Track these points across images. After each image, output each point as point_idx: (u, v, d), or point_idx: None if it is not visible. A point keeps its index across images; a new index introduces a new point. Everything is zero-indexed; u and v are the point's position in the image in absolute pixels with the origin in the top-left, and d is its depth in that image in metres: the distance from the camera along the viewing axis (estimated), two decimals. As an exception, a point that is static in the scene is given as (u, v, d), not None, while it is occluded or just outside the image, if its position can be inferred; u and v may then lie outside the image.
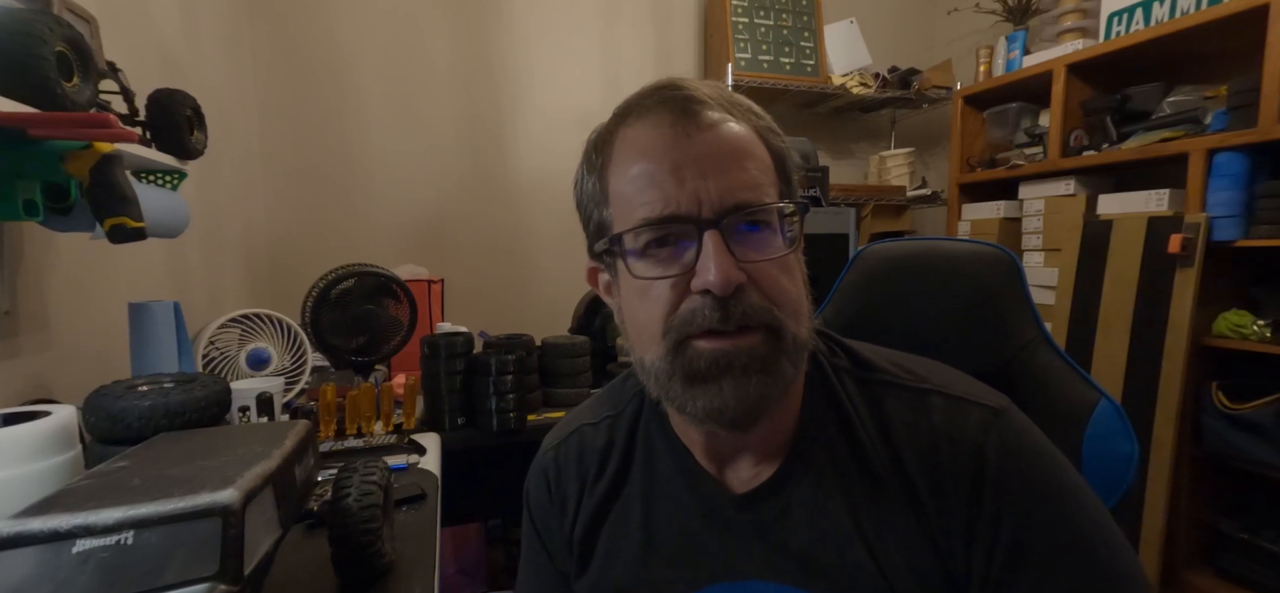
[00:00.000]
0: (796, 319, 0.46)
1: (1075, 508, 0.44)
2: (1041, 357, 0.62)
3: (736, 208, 0.44)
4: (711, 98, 0.46)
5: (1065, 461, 0.47)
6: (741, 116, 0.47)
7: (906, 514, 0.46)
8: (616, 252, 0.47)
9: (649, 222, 0.44)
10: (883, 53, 2.61)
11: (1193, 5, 1.74)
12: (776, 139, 0.48)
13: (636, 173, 0.45)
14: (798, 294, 0.46)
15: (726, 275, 0.42)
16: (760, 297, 0.44)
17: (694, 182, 0.43)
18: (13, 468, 0.58)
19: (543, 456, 0.62)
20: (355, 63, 2.09)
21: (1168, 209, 1.76)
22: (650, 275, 0.46)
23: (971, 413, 0.47)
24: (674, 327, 0.45)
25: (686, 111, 0.45)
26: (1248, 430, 1.59)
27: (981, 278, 0.64)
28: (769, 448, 0.51)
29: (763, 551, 0.49)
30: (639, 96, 0.48)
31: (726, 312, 0.43)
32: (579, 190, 0.52)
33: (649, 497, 0.55)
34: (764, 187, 0.45)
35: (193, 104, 1.03)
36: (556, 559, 0.61)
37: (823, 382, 0.52)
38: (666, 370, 0.46)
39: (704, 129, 0.44)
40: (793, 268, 0.47)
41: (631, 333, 0.49)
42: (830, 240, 2.17)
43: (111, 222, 0.74)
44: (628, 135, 0.47)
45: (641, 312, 0.47)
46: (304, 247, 2.06)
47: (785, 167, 0.48)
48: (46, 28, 0.66)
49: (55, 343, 0.99)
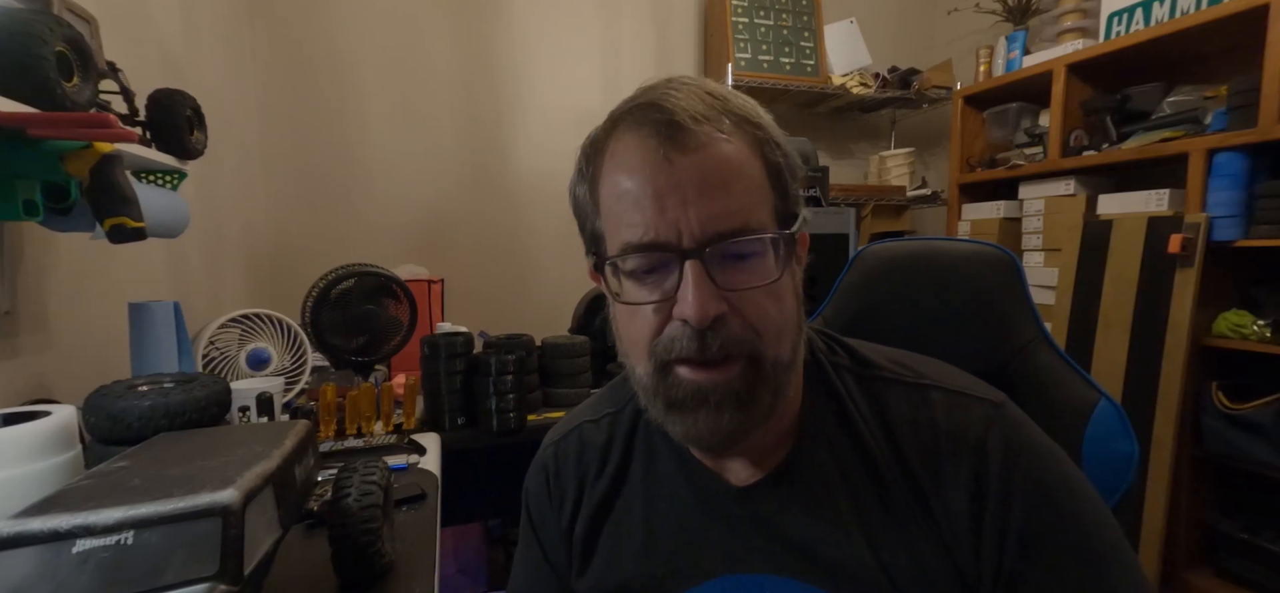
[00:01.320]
0: (779, 343, 0.45)
1: (1080, 499, 0.45)
2: (1041, 357, 0.62)
3: (717, 237, 0.43)
4: (701, 113, 0.44)
5: (1063, 453, 0.48)
6: (734, 129, 0.45)
7: (909, 509, 0.46)
8: (605, 270, 0.48)
9: (631, 246, 0.45)
10: (883, 53, 2.61)
11: (1193, 5, 1.74)
12: (774, 152, 0.46)
13: (623, 192, 0.45)
14: (783, 318, 0.46)
15: (703, 308, 0.42)
16: (742, 326, 0.44)
17: (675, 210, 0.43)
18: (13, 468, 0.58)
19: (543, 452, 0.63)
20: (355, 63, 2.09)
21: (1168, 209, 1.76)
22: (635, 300, 0.46)
23: (973, 407, 0.47)
24: (656, 352, 0.45)
25: (670, 135, 0.43)
26: (1248, 430, 1.59)
27: (981, 278, 0.65)
28: (768, 446, 0.51)
29: (764, 543, 0.50)
30: (628, 105, 0.47)
31: (703, 343, 0.43)
32: (573, 197, 0.52)
33: (649, 493, 0.55)
34: (751, 209, 0.44)
35: (193, 104, 1.03)
36: (550, 555, 0.61)
37: (823, 379, 0.52)
38: (651, 388, 0.47)
39: (688, 152, 0.43)
40: (782, 291, 0.46)
41: (624, 344, 0.50)
42: (830, 240, 2.17)
43: (111, 222, 0.74)
44: (615, 149, 0.46)
45: (628, 331, 0.48)
46: (304, 247, 2.06)
47: (782, 181, 0.47)
48: (46, 28, 0.66)
49: (55, 343, 0.99)
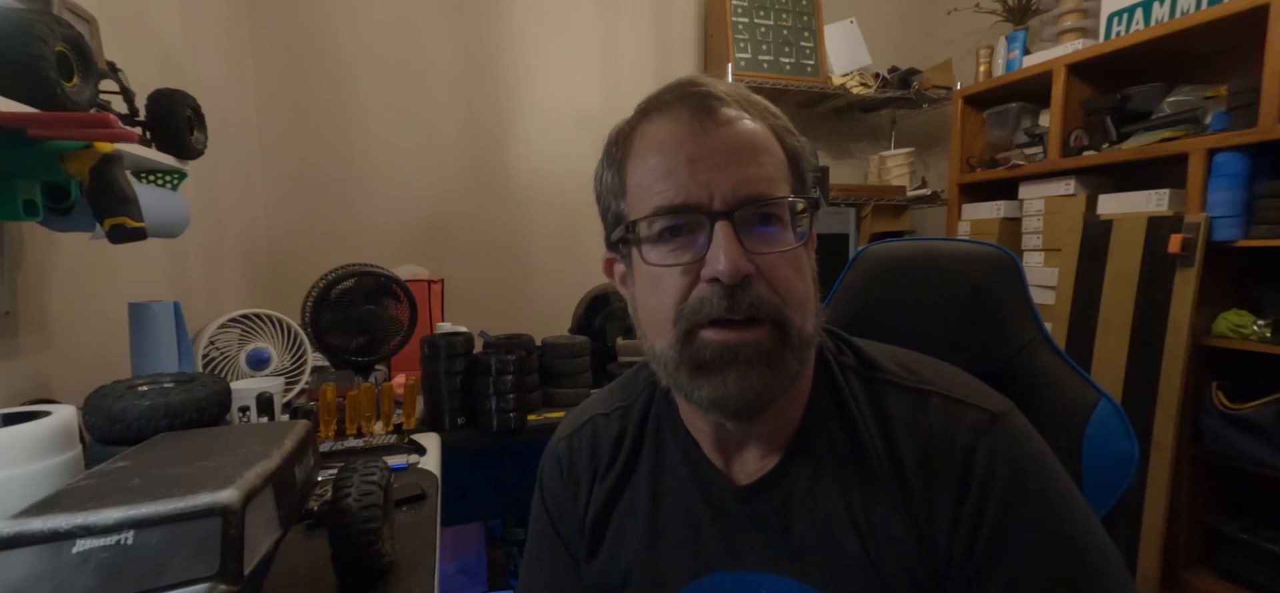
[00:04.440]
0: (803, 315, 0.46)
1: (1062, 515, 0.44)
2: (1041, 357, 0.62)
3: (748, 200, 0.45)
4: (730, 96, 0.47)
5: (1061, 471, 0.47)
6: (758, 115, 0.48)
7: (899, 510, 0.47)
8: (631, 240, 0.49)
9: (661, 209, 0.46)
10: (883, 53, 2.61)
11: (1193, 5, 1.74)
12: (792, 138, 0.50)
13: (653, 164, 0.47)
14: (806, 291, 0.47)
15: (735, 264, 0.43)
16: (768, 290, 0.45)
17: (707, 173, 0.45)
18: (13, 468, 0.58)
19: (556, 444, 0.64)
20: (356, 62, 2.09)
21: (1168, 209, 1.76)
22: (663, 263, 0.47)
23: (968, 415, 0.47)
24: (684, 315, 0.46)
25: (705, 107, 0.46)
26: (1248, 431, 1.59)
27: (982, 278, 0.65)
28: (774, 441, 0.52)
29: (762, 542, 0.51)
30: (660, 93, 0.49)
31: (734, 301, 0.44)
32: (599, 183, 0.53)
33: (656, 486, 0.56)
34: (777, 182, 0.46)
35: (193, 104, 1.03)
36: (569, 544, 0.61)
37: (829, 378, 0.52)
38: (675, 359, 0.47)
39: (720, 124, 0.46)
40: (802, 265, 0.48)
41: (644, 320, 0.50)
42: (830, 240, 2.18)
43: (111, 222, 0.74)
44: (647, 130, 0.49)
45: (654, 299, 0.48)
46: (304, 247, 2.06)
47: (799, 165, 0.49)
48: (46, 28, 0.66)
49: (55, 343, 0.99)
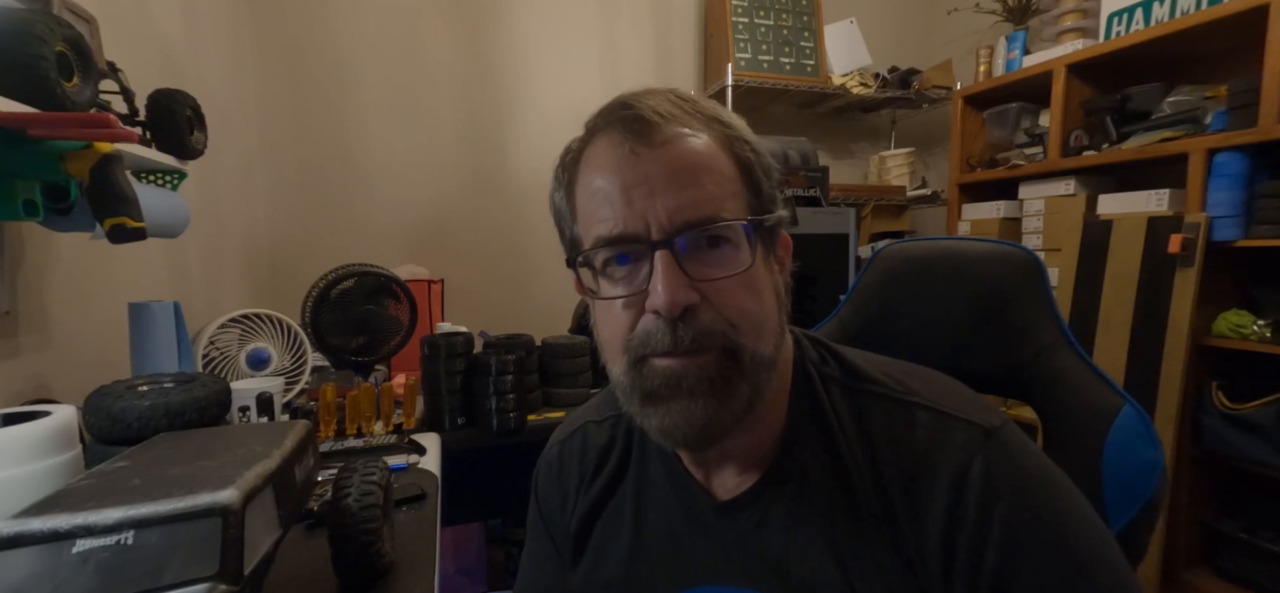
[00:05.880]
0: (758, 337, 0.44)
1: (1069, 536, 0.42)
2: (1062, 359, 0.60)
3: (686, 226, 0.43)
4: (669, 112, 0.45)
5: (1062, 481, 0.44)
6: (703, 126, 0.45)
7: (883, 537, 0.45)
8: (584, 265, 0.48)
9: (602, 239, 0.45)
10: (883, 53, 2.61)
11: (1193, 5, 1.74)
12: (745, 148, 0.47)
13: (594, 191, 0.46)
14: (762, 310, 0.45)
15: (672, 297, 0.42)
16: (715, 317, 0.43)
17: (642, 201, 0.43)
18: (13, 468, 0.58)
19: (549, 450, 0.64)
20: (355, 63, 2.09)
21: (1168, 209, 1.76)
22: (609, 295, 0.46)
23: (957, 433, 0.45)
24: (632, 346, 0.45)
25: (636, 131, 0.44)
26: (1248, 431, 1.59)
27: (1002, 278, 0.63)
28: (752, 458, 0.51)
29: (741, 558, 0.50)
30: (600, 114, 0.48)
31: (676, 335, 0.43)
32: (552, 204, 0.52)
33: (640, 497, 0.56)
34: (721, 200, 0.44)
35: (193, 104, 1.03)
36: (560, 548, 0.62)
37: (810, 392, 0.51)
38: (628, 386, 0.46)
39: (655, 147, 0.44)
40: (758, 283, 0.45)
41: (602, 345, 0.50)
42: (830, 240, 2.17)
43: (111, 222, 0.74)
44: (588, 154, 0.48)
45: (605, 329, 0.48)
46: (304, 247, 2.06)
47: (753, 176, 0.47)
48: (46, 28, 0.66)
49: (55, 343, 0.99)
